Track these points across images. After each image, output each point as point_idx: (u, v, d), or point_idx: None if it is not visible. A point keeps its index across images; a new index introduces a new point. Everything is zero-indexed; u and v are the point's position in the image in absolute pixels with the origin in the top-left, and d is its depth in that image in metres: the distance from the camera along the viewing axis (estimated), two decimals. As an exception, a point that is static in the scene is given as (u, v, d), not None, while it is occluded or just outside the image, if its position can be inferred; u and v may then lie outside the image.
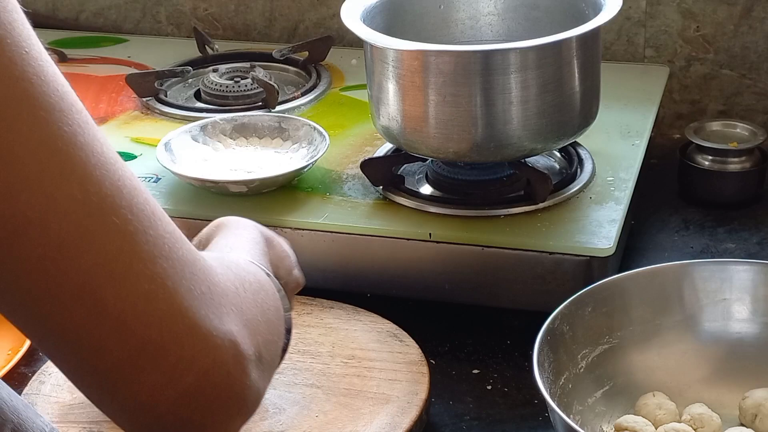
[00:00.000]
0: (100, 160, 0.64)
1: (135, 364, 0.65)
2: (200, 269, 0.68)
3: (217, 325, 0.67)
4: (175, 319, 0.65)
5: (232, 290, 0.70)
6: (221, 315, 0.68)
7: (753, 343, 1.10)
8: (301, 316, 1.19)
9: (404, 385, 1.09)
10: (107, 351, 0.65)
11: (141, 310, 0.64)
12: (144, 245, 0.65)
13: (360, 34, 1.22)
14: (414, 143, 1.25)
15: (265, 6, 1.76)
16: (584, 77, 1.23)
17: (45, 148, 0.61)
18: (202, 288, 0.67)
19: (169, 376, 0.65)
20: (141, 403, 0.66)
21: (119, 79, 1.59)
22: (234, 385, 0.68)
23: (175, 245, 0.67)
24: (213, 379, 0.67)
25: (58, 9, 1.85)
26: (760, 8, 1.55)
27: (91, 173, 0.63)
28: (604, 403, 1.06)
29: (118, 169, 0.65)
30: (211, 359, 0.66)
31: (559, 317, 1.04)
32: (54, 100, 0.62)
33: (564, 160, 1.34)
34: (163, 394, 0.66)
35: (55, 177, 0.61)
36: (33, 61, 0.62)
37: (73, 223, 0.62)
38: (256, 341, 0.70)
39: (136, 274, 0.64)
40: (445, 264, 1.21)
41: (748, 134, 1.44)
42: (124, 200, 0.65)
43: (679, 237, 1.37)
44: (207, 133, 1.37)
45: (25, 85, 0.61)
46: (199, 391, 0.66)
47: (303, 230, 1.24)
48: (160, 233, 0.66)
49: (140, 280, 0.64)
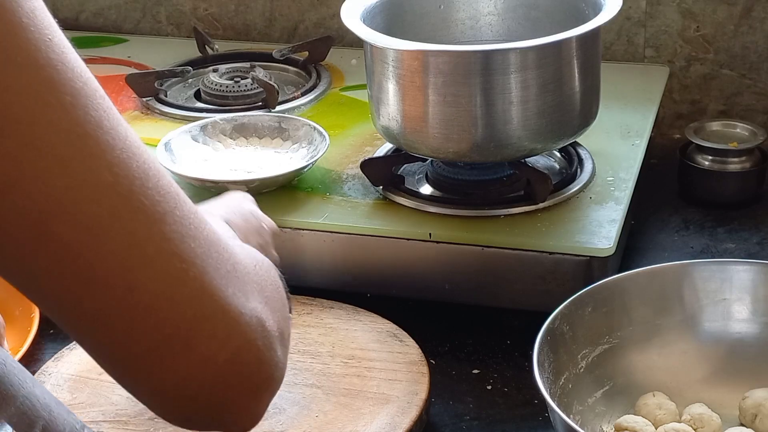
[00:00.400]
0: (126, 143, 0.65)
1: (169, 346, 0.65)
2: (224, 248, 0.69)
3: (245, 303, 0.68)
4: (206, 299, 0.66)
5: (252, 269, 0.71)
6: (247, 293, 0.68)
7: (753, 343, 1.10)
8: (301, 316, 1.19)
9: (404, 385, 1.09)
10: (141, 334, 0.65)
11: (173, 291, 0.65)
12: (173, 225, 0.65)
13: (360, 34, 1.22)
14: (414, 143, 1.25)
15: (265, 6, 1.76)
16: (584, 77, 1.23)
17: (74, 133, 0.62)
18: (227, 267, 0.68)
19: (204, 357, 0.66)
20: (176, 385, 0.66)
21: (119, 79, 1.59)
22: (264, 362, 0.68)
23: (200, 225, 0.67)
24: (245, 357, 0.67)
25: (58, 9, 1.85)
26: (760, 8, 1.55)
27: (119, 156, 0.64)
28: (604, 403, 1.06)
29: (143, 152, 0.66)
30: (243, 337, 0.67)
31: (559, 317, 1.04)
32: (79, 85, 0.62)
33: (564, 160, 1.34)
34: (198, 374, 0.66)
35: (86, 161, 0.62)
36: (56, 47, 0.63)
37: (105, 206, 0.62)
38: (277, 318, 0.71)
39: (168, 254, 0.65)
40: (445, 264, 1.21)
41: (748, 134, 1.44)
42: (151, 182, 0.65)
43: (679, 237, 1.37)
44: (207, 133, 1.37)
45: (50, 72, 0.61)
46: (233, 369, 0.67)
47: (303, 230, 1.24)
48: (186, 213, 0.67)
49: (172, 260, 0.65)
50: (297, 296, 1.22)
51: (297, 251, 1.25)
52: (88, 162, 0.62)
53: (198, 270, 0.66)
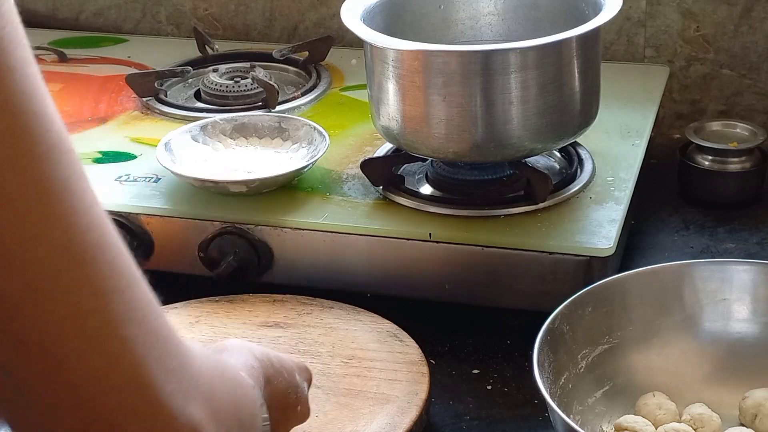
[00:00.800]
0: (89, 210, 0.61)
1: (90, 429, 0.61)
2: (175, 345, 0.64)
3: (182, 406, 0.63)
4: (138, 390, 0.61)
5: (206, 376, 0.66)
6: (188, 397, 0.63)
7: (753, 343, 1.10)
8: (301, 316, 1.19)
9: (404, 385, 1.09)
10: (66, 413, 0.61)
11: (103, 373, 0.60)
12: (119, 305, 0.61)
13: (360, 34, 1.22)
14: (414, 143, 1.25)
15: (265, 6, 1.76)
16: (584, 77, 1.23)
17: (38, 187, 0.58)
18: (173, 363, 0.63)
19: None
20: None
21: (119, 79, 1.59)
22: None
23: (151, 314, 0.63)
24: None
25: (58, 9, 1.85)
26: (760, 8, 1.55)
27: (78, 222, 0.60)
28: (604, 403, 1.06)
29: (105, 225, 0.62)
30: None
31: (559, 317, 1.04)
32: (54, 140, 0.59)
33: (564, 160, 1.34)
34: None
35: (43, 219, 0.58)
36: (40, 97, 0.59)
37: (53, 270, 0.59)
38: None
39: (107, 334, 0.60)
40: (445, 264, 1.21)
41: (748, 134, 1.44)
42: (108, 255, 0.61)
43: (679, 237, 1.37)
44: (207, 133, 1.37)
45: (30, 119, 0.58)
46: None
47: (303, 230, 1.24)
48: (137, 297, 0.63)
49: (110, 340, 0.60)
50: (297, 296, 1.22)
51: (297, 251, 1.25)
52: (46, 219, 0.58)
53: (136, 358, 0.61)
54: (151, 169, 1.35)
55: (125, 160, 1.39)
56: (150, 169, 1.35)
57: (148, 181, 1.33)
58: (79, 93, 1.59)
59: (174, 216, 1.27)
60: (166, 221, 1.27)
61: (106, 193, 1.31)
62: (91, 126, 1.49)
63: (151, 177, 1.34)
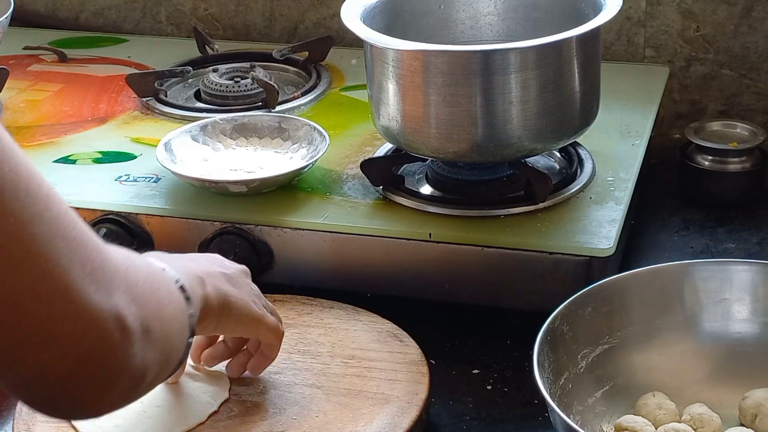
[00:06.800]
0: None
1: (32, 340, 0.70)
2: (93, 248, 0.73)
3: (106, 300, 0.73)
4: (68, 296, 0.71)
5: (123, 266, 0.76)
6: (111, 290, 0.73)
7: (753, 343, 1.10)
8: (301, 316, 1.19)
9: (404, 385, 1.09)
10: (8, 329, 0.70)
11: (38, 289, 0.69)
12: (41, 227, 0.70)
13: (360, 34, 1.22)
14: (414, 143, 1.25)
15: (265, 6, 1.76)
16: (584, 77, 1.23)
17: None
18: (94, 264, 0.73)
19: (61, 351, 0.71)
20: (39, 376, 0.72)
21: (119, 79, 1.59)
22: (117, 355, 0.74)
23: (69, 225, 0.72)
24: (99, 349, 0.73)
25: (58, 9, 1.85)
26: (760, 8, 1.55)
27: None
28: (604, 403, 1.06)
29: (15, 155, 0.69)
30: (98, 332, 0.72)
31: (559, 317, 1.04)
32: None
33: (564, 160, 1.34)
34: (56, 367, 0.72)
35: None
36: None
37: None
38: (144, 314, 0.76)
39: (35, 255, 0.69)
40: (445, 264, 1.21)
41: (748, 134, 1.44)
42: (22, 185, 0.69)
43: (679, 237, 1.37)
44: (207, 133, 1.37)
45: None
46: (87, 362, 0.72)
47: (303, 230, 1.24)
48: (56, 214, 0.71)
49: (38, 261, 0.69)
50: (297, 296, 1.22)
51: (297, 251, 1.25)
52: None
53: (63, 269, 0.70)
54: (151, 169, 1.35)
55: (125, 160, 1.39)
56: (150, 169, 1.35)
57: (148, 181, 1.33)
58: (79, 93, 1.59)
59: (174, 216, 1.27)
60: (166, 221, 1.27)
61: (106, 193, 1.31)
62: (91, 126, 1.49)
63: (151, 177, 1.34)
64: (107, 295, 0.73)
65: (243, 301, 1.02)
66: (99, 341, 0.72)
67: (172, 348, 0.83)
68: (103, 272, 0.73)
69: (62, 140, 1.44)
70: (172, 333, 0.82)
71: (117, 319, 0.73)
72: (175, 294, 0.85)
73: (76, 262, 0.71)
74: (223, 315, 0.99)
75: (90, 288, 0.72)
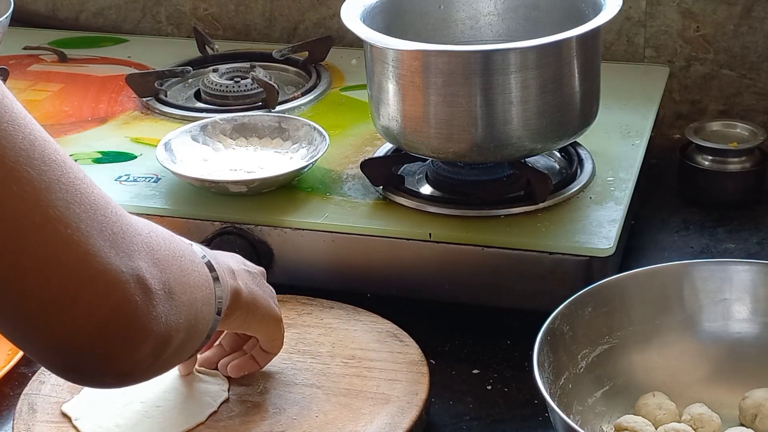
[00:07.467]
0: (12, 116, 0.70)
1: (56, 304, 0.72)
2: (112, 212, 0.76)
3: (127, 263, 0.75)
4: (90, 259, 0.73)
5: (144, 231, 0.79)
6: (131, 252, 0.76)
7: (753, 343, 1.10)
8: (301, 316, 1.19)
9: (404, 385, 1.09)
10: (32, 293, 0.72)
11: (60, 254, 0.72)
12: (59, 193, 0.72)
13: (360, 34, 1.22)
14: (414, 143, 1.25)
15: (265, 6, 1.76)
16: (584, 77, 1.23)
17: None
18: (114, 228, 0.75)
19: (87, 311, 0.73)
20: (62, 338, 0.74)
21: (119, 79, 1.59)
22: (141, 314, 0.76)
23: (87, 190, 0.74)
24: (123, 309, 0.75)
25: (58, 9, 1.85)
26: (760, 8, 1.55)
27: (6, 129, 0.69)
28: (604, 403, 1.06)
29: (29, 123, 0.71)
30: (122, 293, 0.74)
31: (559, 317, 1.04)
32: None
33: (564, 160, 1.34)
34: (82, 328, 0.74)
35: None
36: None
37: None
38: (166, 277, 0.78)
39: (54, 221, 0.71)
40: (445, 264, 1.21)
41: (748, 134, 1.44)
42: (37, 152, 0.71)
43: (679, 237, 1.37)
44: (207, 133, 1.37)
45: None
46: (112, 323, 0.74)
47: (303, 230, 1.24)
48: (72, 180, 0.73)
49: (57, 226, 0.71)
50: (297, 296, 1.22)
51: (297, 251, 1.25)
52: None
53: (82, 234, 0.73)
54: (151, 169, 1.35)
55: (125, 160, 1.39)
56: (150, 169, 1.35)
57: (148, 181, 1.33)
58: (79, 93, 1.59)
59: (174, 216, 1.27)
60: (166, 221, 1.27)
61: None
62: (91, 126, 1.49)
63: (151, 177, 1.34)
64: (128, 258, 0.75)
65: (267, 301, 1.03)
66: (122, 302, 0.74)
67: (197, 317, 0.84)
68: (123, 236, 0.75)
69: (62, 140, 1.44)
70: (196, 300, 0.84)
71: (138, 280, 0.75)
72: (199, 265, 0.87)
73: (94, 227, 0.73)
74: (251, 312, 1.00)
75: (110, 252, 0.74)
